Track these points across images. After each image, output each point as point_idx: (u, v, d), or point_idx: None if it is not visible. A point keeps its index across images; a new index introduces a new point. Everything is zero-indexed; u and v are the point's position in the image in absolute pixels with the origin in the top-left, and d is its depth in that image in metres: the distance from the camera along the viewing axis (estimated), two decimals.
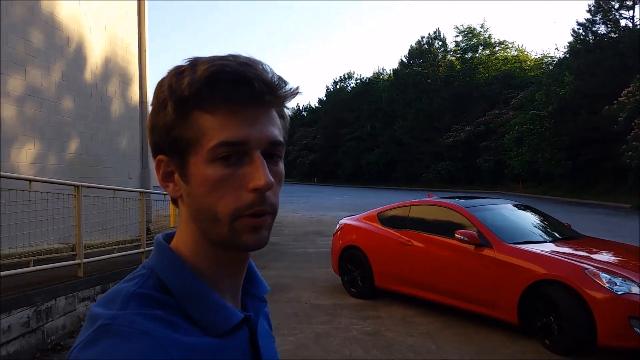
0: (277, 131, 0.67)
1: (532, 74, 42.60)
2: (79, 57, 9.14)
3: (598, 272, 4.62)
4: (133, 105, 11.37)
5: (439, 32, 50.20)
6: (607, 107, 21.37)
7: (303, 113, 78.64)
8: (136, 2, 11.51)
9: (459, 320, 5.78)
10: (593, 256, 5.17)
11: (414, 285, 6.24)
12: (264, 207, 0.64)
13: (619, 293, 4.45)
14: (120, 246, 7.37)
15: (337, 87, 66.91)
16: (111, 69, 10.37)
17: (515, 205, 6.69)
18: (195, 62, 0.64)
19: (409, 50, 51.40)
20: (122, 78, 10.86)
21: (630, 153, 20.32)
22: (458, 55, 49.04)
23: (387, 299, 6.76)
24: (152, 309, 0.60)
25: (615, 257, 5.33)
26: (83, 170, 9.06)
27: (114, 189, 7.14)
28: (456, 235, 5.62)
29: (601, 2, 27.28)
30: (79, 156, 9.05)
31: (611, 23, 27.07)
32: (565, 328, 4.64)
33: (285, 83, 0.67)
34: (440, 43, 50.29)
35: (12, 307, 4.50)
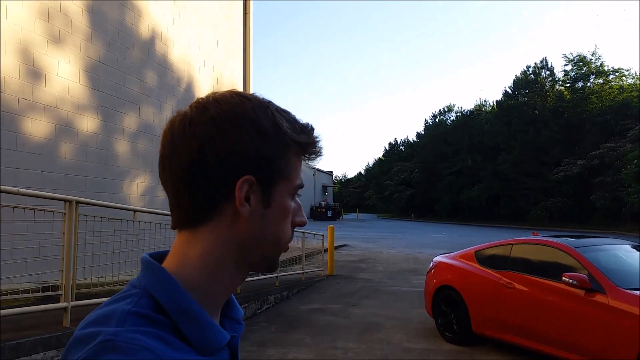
0: None
1: None
2: (188, 95, 9.78)
3: None
4: None
5: (546, 61, 47.95)
6: None
7: (401, 147, 78.14)
8: (242, 43, 12.19)
9: None
10: None
11: (515, 332, 5.75)
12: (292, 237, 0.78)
13: None
14: None
15: (437, 120, 65.87)
16: None
17: (634, 247, 5.98)
18: (285, 111, 0.76)
19: (514, 80, 49.49)
20: None
21: None
22: (567, 85, 46.29)
23: (486, 345, 6.29)
24: (150, 327, 0.61)
25: None
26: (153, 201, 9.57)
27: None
28: (564, 278, 5.11)
29: None
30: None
31: None
32: None
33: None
34: (547, 72, 47.93)
35: None
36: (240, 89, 7.91)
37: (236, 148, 0.69)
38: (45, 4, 6.45)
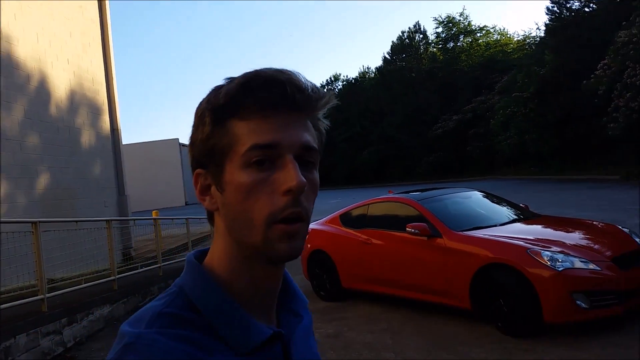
0: (310, 137, 0.68)
1: (516, 56, 42.65)
2: (41, 92, 9.25)
3: (540, 250, 4.70)
4: (104, 134, 11.49)
5: (419, 25, 50.47)
6: (585, 82, 21.43)
7: None
8: (99, 32, 11.63)
9: (421, 313, 5.85)
10: (540, 235, 5.24)
11: (377, 282, 6.32)
12: (297, 209, 0.64)
13: (560, 269, 4.52)
14: (89, 276, 7.47)
15: (325, 89, 67.01)
16: (78, 101, 10.49)
17: (472, 193, 6.76)
18: (232, 78, 0.68)
19: (391, 46, 51.62)
20: (91, 108, 10.98)
21: (612, 125, 20.38)
22: (440, 46, 49.22)
23: (356, 299, 6.84)
24: (177, 329, 0.61)
25: (565, 233, 5.41)
26: (55, 204, 9.17)
27: (76, 221, 7.23)
28: (407, 228, 5.71)
29: None
30: (50, 191, 9.16)
31: None
32: (512, 309, 4.72)
33: (320, 91, 0.68)
34: (421, 36, 50.49)
35: None
36: (102, 79, 7.75)
37: (189, 152, 0.72)
38: None
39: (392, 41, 52.91)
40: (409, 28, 51.60)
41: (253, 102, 0.65)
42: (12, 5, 8.56)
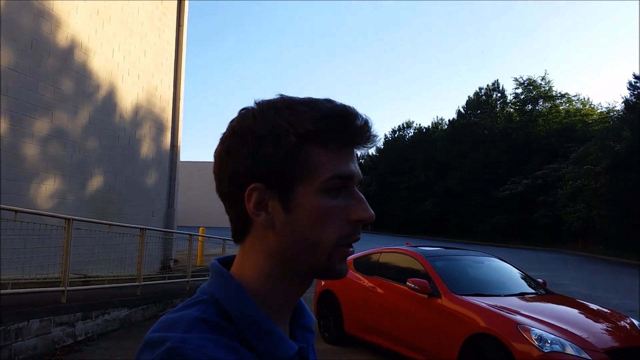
0: None
1: (596, 128, 41.06)
2: (109, 101, 10.08)
3: (530, 327, 4.56)
4: (164, 149, 12.24)
5: (497, 84, 49.85)
6: None
7: (361, 161, 79.29)
8: (173, 53, 12.56)
9: None
10: (539, 313, 5.04)
11: (375, 332, 6.28)
12: (358, 237, 0.70)
13: (546, 351, 4.36)
14: (115, 278, 7.92)
15: (396, 135, 67.22)
16: (142, 115, 11.30)
17: (487, 258, 6.63)
18: (300, 101, 0.70)
19: (467, 101, 51.22)
20: (154, 123, 11.78)
21: None
22: (517, 107, 48.27)
23: (359, 347, 6.80)
24: (218, 335, 0.61)
25: (569, 315, 5.20)
26: (104, 207, 9.84)
27: (110, 224, 7.73)
28: (408, 283, 5.69)
29: None
30: (101, 193, 9.86)
31: None
32: None
33: (375, 130, 0.72)
34: (499, 95, 49.83)
35: None
36: (169, 97, 8.46)
37: (239, 162, 0.69)
38: None
39: (469, 96, 52.54)
40: (487, 85, 51.05)
41: (341, 135, 0.68)
42: (95, 21, 9.49)
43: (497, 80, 52.53)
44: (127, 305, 7.55)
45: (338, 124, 0.68)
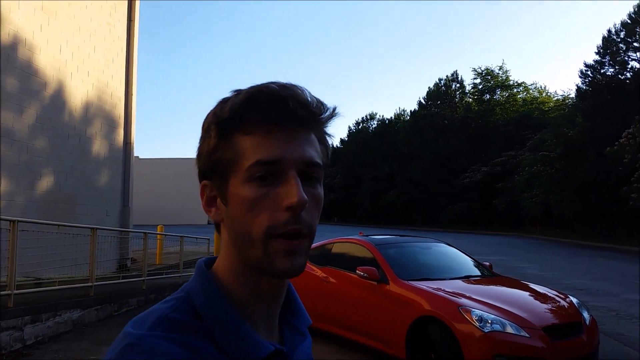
0: (314, 152, 0.67)
1: (553, 115, 42.30)
2: (57, 100, 9.81)
3: (470, 309, 4.72)
4: (117, 146, 12.00)
5: (456, 74, 50.75)
6: (608, 148, 21.13)
7: None
8: (124, 49, 12.29)
9: (366, 357, 5.85)
10: (482, 295, 5.22)
11: (331, 321, 6.37)
12: (297, 226, 0.63)
13: (486, 331, 4.53)
14: (68, 279, 7.77)
15: (359, 127, 67.72)
16: (93, 112, 11.04)
17: (435, 244, 6.80)
18: (239, 90, 0.68)
19: (427, 92, 52.02)
20: (106, 120, 11.53)
21: (634, 195, 19.92)
22: (475, 97, 49.31)
23: (315, 336, 6.86)
24: (180, 334, 0.61)
25: (510, 296, 5.40)
26: (55, 207, 9.61)
27: (58, 225, 7.57)
28: (357, 271, 5.79)
29: (609, 44, 27.31)
30: (51, 194, 9.61)
31: (619, 65, 26.97)
32: None
33: (323, 105, 0.69)
34: (457, 85, 50.76)
35: None
36: (121, 94, 8.32)
37: (197, 163, 0.72)
38: None
39: (429, 87, 53.34)
40: (447, 76, 51.99)
41: (257, 117, 0.65)
42: (40, 17, 9.22)
43: (456, 71, 53.59)
44: (79, 306, 7.42)
45: (250, 107, 0.65)
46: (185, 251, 12.26)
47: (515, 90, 48.57)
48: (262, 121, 0.65)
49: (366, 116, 68.34)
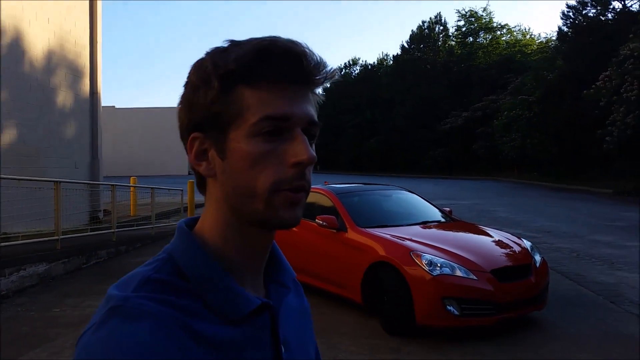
0: (314, 111, 0.68)
1: (535, 58, 41.98)
2: (15, 49, 9.45)
3: (421, 253, 4.82)
4: (83, 97, 11.71)
5: (440, 16, 49.83)
6: (585, 91, 21.17)
7: None
8: None
9: (328, 301, 6.00)
10: (435, 240, 5.32)
11: (298, 270, 6.44)
12: (302, 182, 0.65)
13: (435, 274, 4.65)
14: (33, 234, 7.76)
15: (342, 73, 66.70)
16: (56, 62, 10.70)
17: (395, 191, 6.86)
18: (238, 42, 0.66)
19: (410, 35, 51.14)
20: (70, 70, 11.19)
21: (608, 138, 20.15)
22: (458, 40, 48.61)
23: None
24: (165, 294, 0.61)
25: (463, 240, 5.52)
26: (20, 160, 9.44)
27: (19, 179, 7.46)
28: (317, 220, 5.85)
29: None
30: (14, 147, 9.42)
31: (601, 5, 26.61)
32: (391, 307, 4.87)
33: (329, 66, 0.67)
34: (441, 28, 49.90)
35: None
36: (85, 41, 8.04)
37: (183, 113, 0.69)
38: None
39: (412, 30, 52.39)
40: (430, 18, 51.01)
41: (269, 71, 0.64)
42: None
43: (440, 12, 52.54)
44: (45, 260, 7.44)
45: (261, 60, 0.63)
46: (159, 202, 12.26)
47: (498, 32, 47.94)
48: (274, 77, 0.64)
49: (349, 62, 67.30)
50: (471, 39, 47.92)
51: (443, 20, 49.71)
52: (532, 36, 48.11)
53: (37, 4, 10.02)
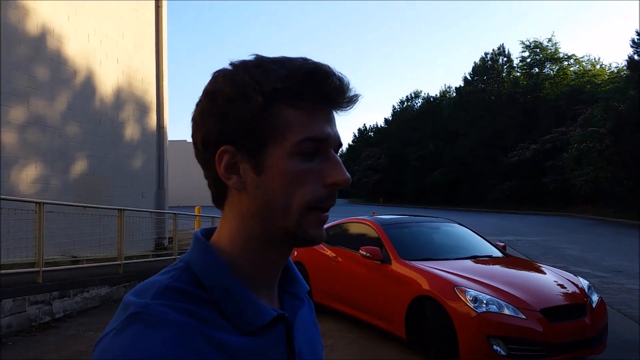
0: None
1: (606, 88, 40.15)
2: (87, 87, 10.19)
3: (465, 289, 4.66)
4: (150, 130, 12.37)
5: (503, 48, 48.95)
6: None
7: (370, 133, 78.99)
8: (153, 34, 12.56)
9: (371, 334, 5.89)
10: (483, 276, 5.12)
11: (339, 300, 6.44)
12: (333, 202, 0.67)
13: (480, 311, 4.46)
14: (96, 258, 8.18)
15: (404, 106, 66.69)
16: (124, 98, 11.40)
17: (443, 224, 6.70)
18: (270, 58, 0.68)
19: (473, 67, 50.44)
20: (138, 105, 11.89)
21: None
22: (524, 71, 47.40)
23: (327, 315, 6.96)
24: (184, 303, 0.61)
25: (513, 277, 5.28)
26: (90, 190, 10.05)
27: (84, 206, 7.93)
28: (360, 251, 5.81)
29: None
30: (85, 177, 10.05)
31: None
32: (435, 344, 4.71)
33: (354, 87, 0.70)
34: (505, 59, 48.95)
35: None
36: (152, 79, 8.67)
37: (210, 125, 0.68)
38: None
39: (475, 62, 51.70)
40: (493, 50, 50.15)
41: (315, 94, 0.65)
42: (66, 7, 9.55)
43: (503, 44, 51.65)
44: (107, 283, 7.80)
45: (309, 82, 0.65)
46: None
47: (565, 63, 46.30)
48: (317, 98, 0.66)
49: (411, 94, 67.24)
50: (537, 70, 46.56)
51: (507, 52, 48.80)
52: (603, 66, 46.10)
53: (108, 45, 10.79)
